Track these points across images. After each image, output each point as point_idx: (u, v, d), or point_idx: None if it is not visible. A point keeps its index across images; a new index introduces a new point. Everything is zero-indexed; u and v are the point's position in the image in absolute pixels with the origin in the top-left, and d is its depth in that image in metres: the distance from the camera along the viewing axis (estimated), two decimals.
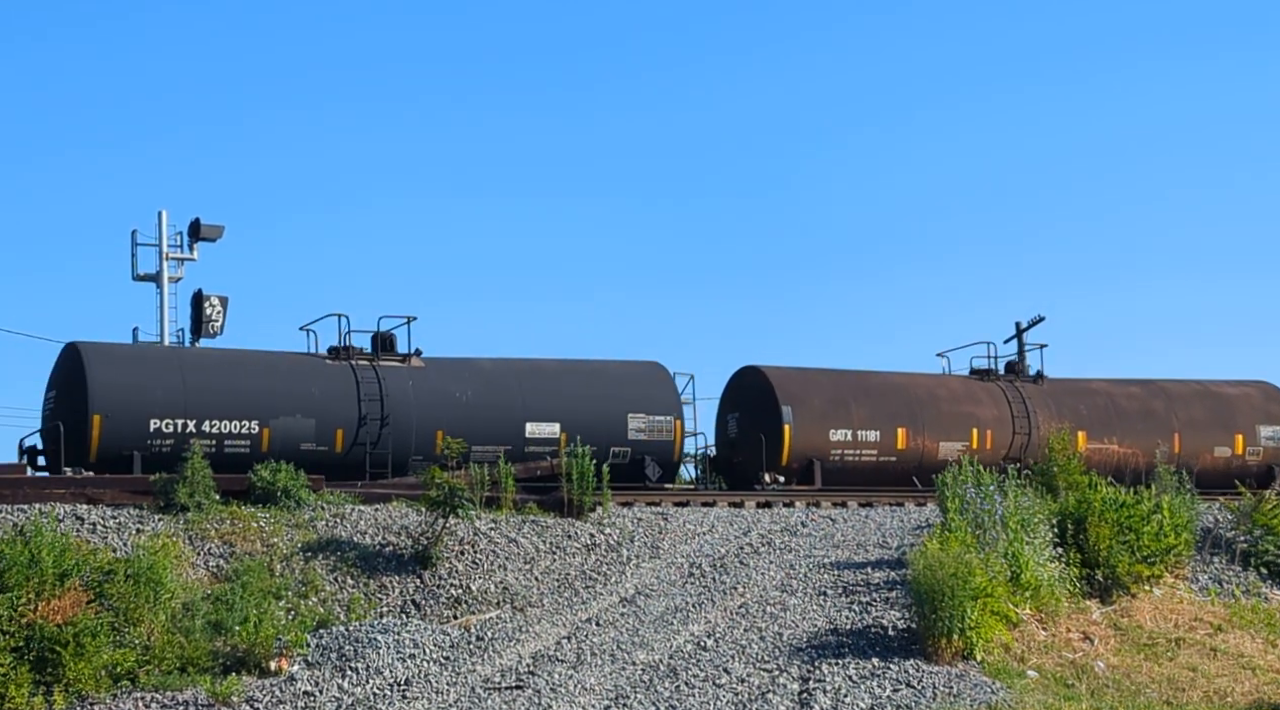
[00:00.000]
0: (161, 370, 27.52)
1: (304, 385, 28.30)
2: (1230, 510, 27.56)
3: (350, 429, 28.25)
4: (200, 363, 28.44)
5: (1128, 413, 35.21)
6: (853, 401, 32.66)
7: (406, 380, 29.05)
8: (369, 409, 28.38)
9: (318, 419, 28.08)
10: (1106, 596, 23.60)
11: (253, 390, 27.86)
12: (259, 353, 29.17)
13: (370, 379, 28.63)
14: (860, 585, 22.66)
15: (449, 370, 29.83)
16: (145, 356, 28.57)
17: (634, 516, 26.24)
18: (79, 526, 22.33)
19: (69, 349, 27.61)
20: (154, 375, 27.31)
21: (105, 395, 26.51)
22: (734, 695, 18.32)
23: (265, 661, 18.83)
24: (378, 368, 28.99)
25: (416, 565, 22.56)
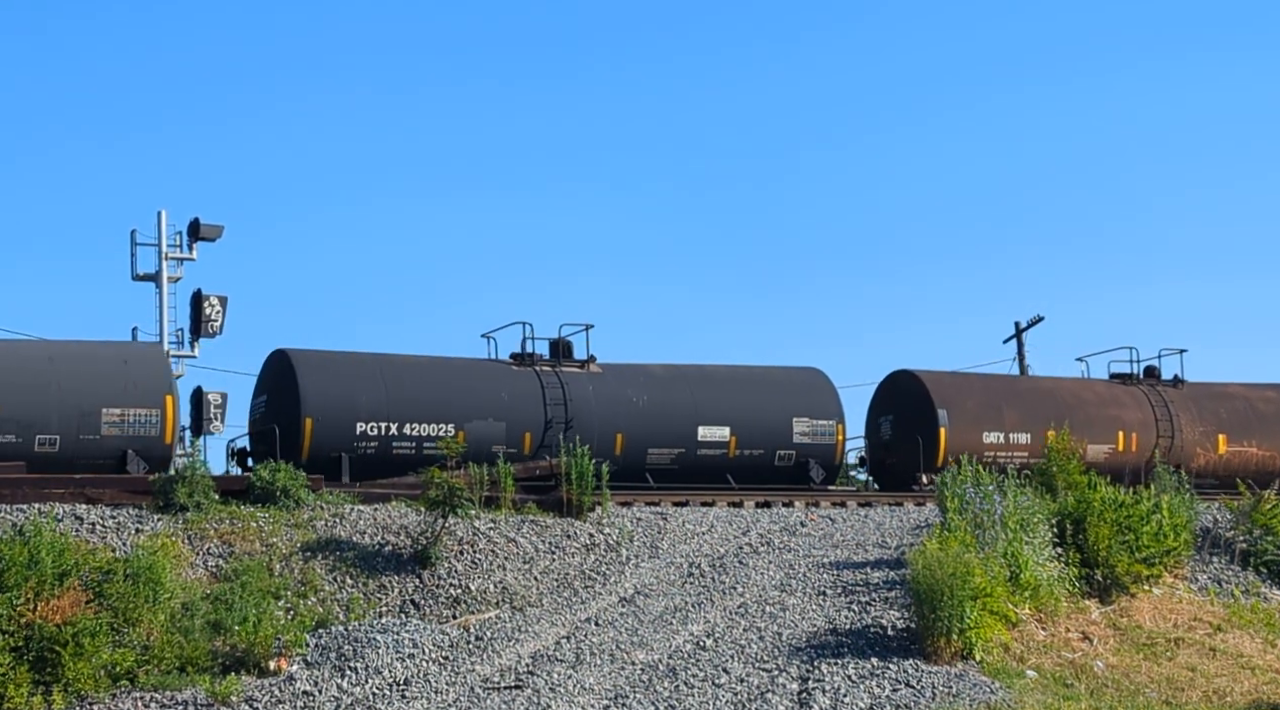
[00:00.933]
0: (365, 376, 28.84)
1: (494, 390, 29.74)
2: (1229, 510, 27.57)
3: (537, 432, 29.64)
4: (400, 369, 29.57)
5: (1266, 416, 36.25)
6: (1004, 405, 33.82)
7: (587, 385, 30.56)
8: (554, 413, 29.84)
9: (508, 422, 29.47)
10: (1106, 596, 23.60)
11: (449, 395, 29.28)
12: (453, 359, 30.53)
13: (554, 384, 30.15)
14: (859, 585, 22.66)
15: (624, 375, 31.30)
16: (350, 363, 29.44)
17: (633, 516, 26.25)
18: (78, 526, 22.33)
19: (279, 356, 28.88)
20: (359, 381, 28.73)
21: (316, 400, 27.91)
22: (733, 695, 18.32)
23: (264, 661, 18.83)
24: (560, 373, 30.49)
25: (416, 565, 22.56)
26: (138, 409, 26.32)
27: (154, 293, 36.38)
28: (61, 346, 26.78)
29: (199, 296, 35.03)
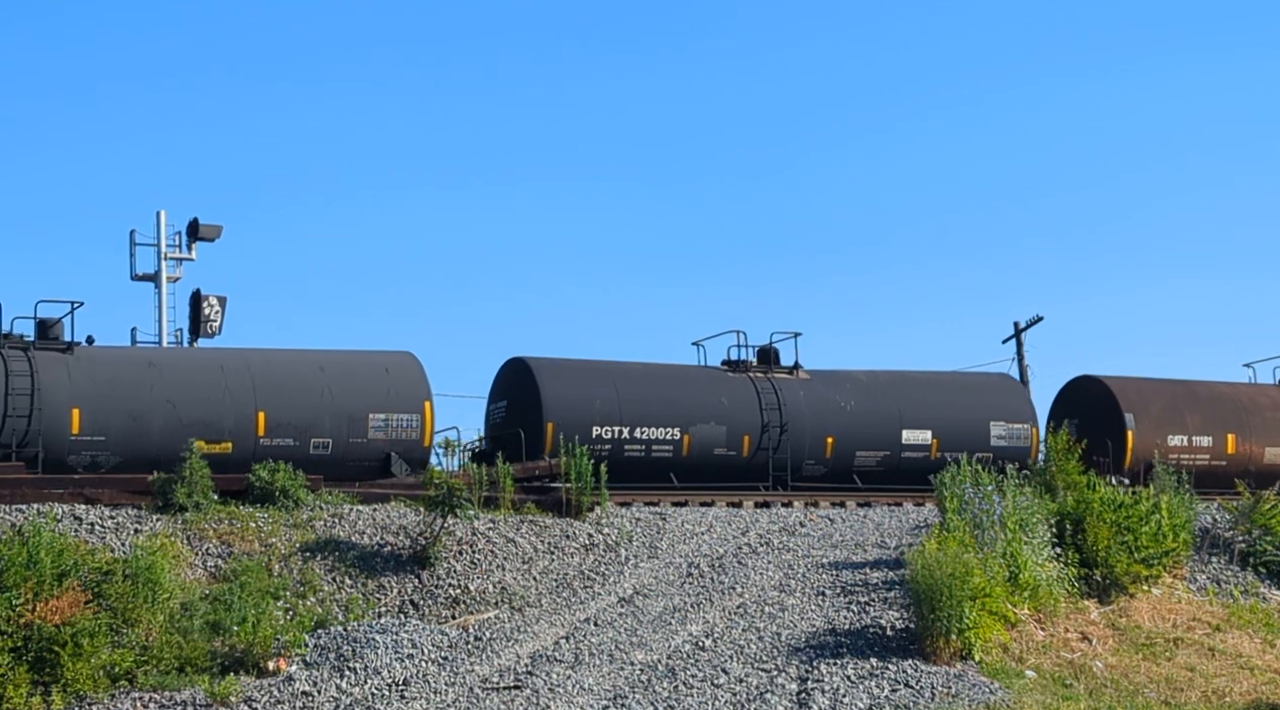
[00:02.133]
0: (599, 382, 30.36)
1: (714, 395, 31.10)
2: (1228, 510, 27.57)
3: (755, 435, 30.94)
4: (628, 375, 31.11)
5: None
6: (1185, 409, 34.67)
7: (797, 391, 31.90)
8: (770, 417, 31.07)
9: (728, 426, 30.78)
10: (1105, 596, 23.60)
11: (674, 400, 30.69)
12: (674, 366, 32.15)
13: (768, 389, 31.47)
14: (858, 585, 22.66)
15: (831, 381, 32.63)
16: (584, 370, 30.84)
17: (632, 516, 26.24)
18: (77, 527, 22.32)
19: (517, 363, 30.42)
20: (594, 387, 30.18)
21: (556, 405, 29.36)
22: (732, 695, 18.32)
23: (263, 661, 18.83)
24: (772, 379, 31.83)
25: (415, 565, 22.55)
26: (400, 413, 27.87)
27: (153, 293, 36.38)
28: (330, 356, 28.56)
29: (198, 296, 35.02)
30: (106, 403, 25.89)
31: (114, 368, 26.50)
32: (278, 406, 27.08)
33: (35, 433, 25.15)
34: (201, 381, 26.89)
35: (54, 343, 26.51)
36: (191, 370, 27.21)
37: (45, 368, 25.78)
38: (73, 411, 25.71)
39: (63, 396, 25.65)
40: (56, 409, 25.50)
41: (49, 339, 26.58)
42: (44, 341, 26.44)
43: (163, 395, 26.31)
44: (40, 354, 26.04)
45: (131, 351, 27.77)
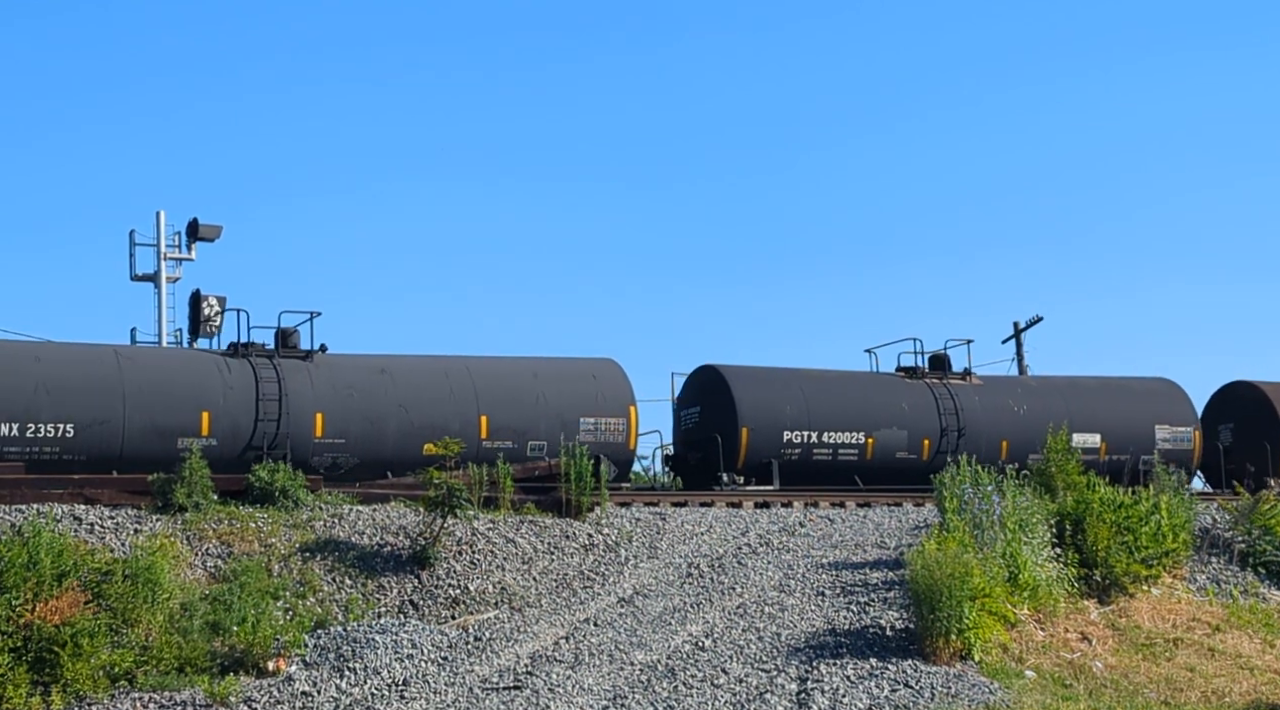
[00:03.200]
0: (788, 388, 31.88)
1: (895, 401, 32.69)
2: (1228, 511, 27.57)
3: (935, 439, 32.63)
4: (816, 382, 32.62)
5: None
6: None
7: (972, 396, 33.57)
8: (948, 422, 32.83)
9: (910, 431, 32.41)
10: (1104, 596, 23.61)
11: (858, 406, 32.21)
12: (857, 373, 33.62)
13: (945, 395, 33.19)
14: (858, 585, 22.67)
15: (1002, 386, 34.48)
16: (774, 377, 32.32)
17: (632, 517, 26.25)
18: (77, 527, 22.34)
19: (709, 371, 32.13)
20: (784, 393, 31.70)
21: (750, 411, 30.99)
22: (732, 695, 18.33)
23: (263, 662, 18.84)
24: (948, 385, 33.53)
25: (414, 565, 22.56)
26: (608, 418, 29.67)
27: (153, 293, 36.46)
28: (540, 363, 30.44)
29: (198, 297, 35.05)
30: (346, 408, 27.75)
31: (351, 374, 28.35)
32: (498, 411, 28.91)
33: (284, 436, 26.91)
34: (429, 387, 28.69)
35: (294, 351, 28.34)
36: (420, 376, 28.85)
37: (290, 375, 27.59)
38: (316, 416, 27.53)
39: (307, 402, 27.45)
40: (302, 414, 27.28)
41: (289, 347, 28.36)
42: (286, 350, 28.26)
43: (395, 400, 28.17)
44: (284, 362, 27.89)
45: (366, 359, 29.24)
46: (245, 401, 26.98)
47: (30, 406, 25.47)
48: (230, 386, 27.04)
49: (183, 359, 27.95)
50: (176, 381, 26.81)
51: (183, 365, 27.45)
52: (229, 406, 26.86)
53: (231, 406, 26.88)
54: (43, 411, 25.52)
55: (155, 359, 27.73)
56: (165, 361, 27.67)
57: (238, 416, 26.88)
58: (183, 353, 28.57)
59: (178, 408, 26.55)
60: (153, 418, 26.19)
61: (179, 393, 26.64)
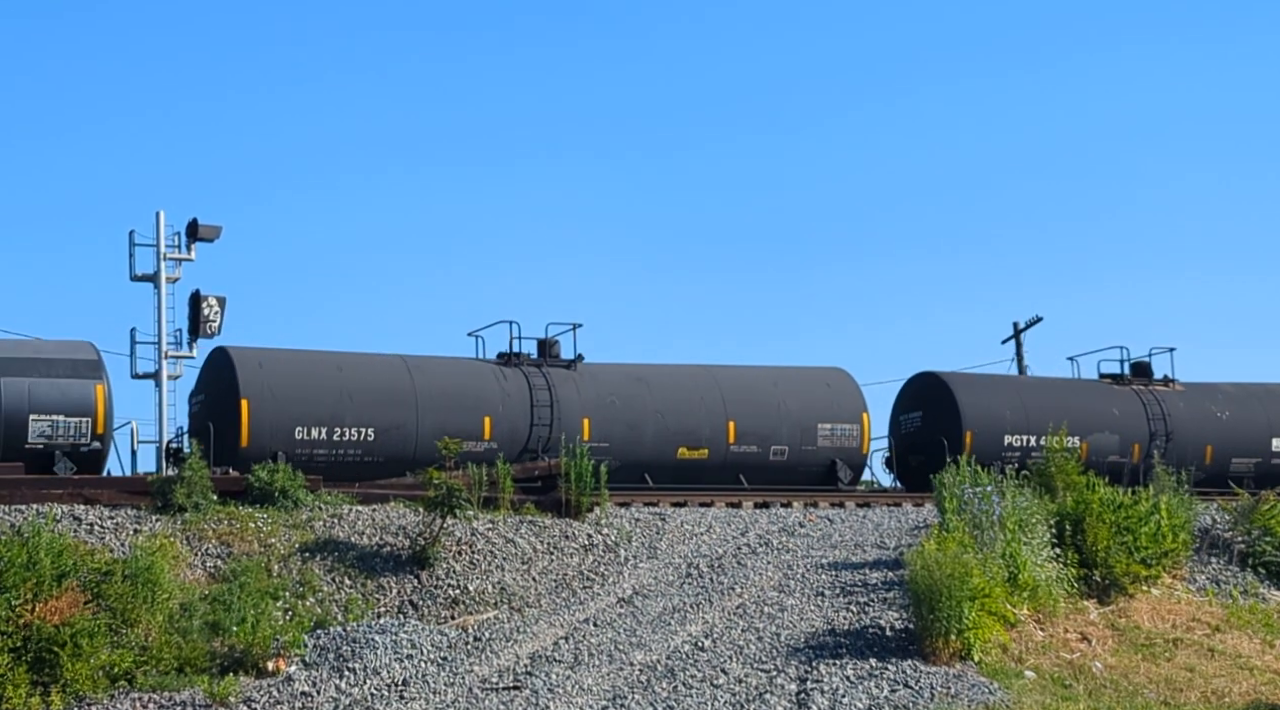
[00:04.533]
0: (1008, 394, 33.54)
1: (1106, 406, 34.21)
2: (1227, 511, 27.57)
3: (1144, 443, 34.04)
4: (1031, 388, 34.62)
5: None
6: None
7: (1177, 402, 34.93)
8: (1156, 426, 34.16)
9: (1121, 435, 33.88)
10: (1104, 597, 23.60)
11: (1073, 411, 33.46)
12: (1067, 380, 35.30)
13: (1152, 400, 34.56)
14: (858, 585, 22.67)
15: (1204, 393, 35.61)
16: (993, 384, 34.37)
17: (631, 517, 26.25)
18: (76, 527, 22.34)
19: (930, 377, 33.57)
20: (1004, 399, 33.28)
21: (973, 416, 32.54)
22: (731, 695, 18.32)
23: (263, 662, 18.83)
24: (1153, 391, 34.87)
25: (414, 566, 22.56)
26: (843, 423, 31.65)
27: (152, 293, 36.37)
28: (778, 371, 32.38)
29: (197, 297, 35.02)
30: (609, 413, 29.83)
31: (612, 382, 30.42)
32: (744, 417, 30.91)
33: (555, 440, 28.69)
34: (682, 395, 30.75)
35: (559, 360, 30.35)
36: (672, 384, 30.94)
37: (559, 383, 29.63)
38: (583, 421, 29.59)
39: (575, 408, 29.51)
40: (571, 419, 29.34)
41: (552, 357, 30.35)
42: (551, 359, 30.27)
43: (652, 407, 30.32)
44: (552, 370, 29.91)
45: (623, 368, 31.25)
46: (521, 408, 29.16)
47: (336, 412, 27.64)
48: (507, 394, 29.25)
49: (464, 368, 29.86)
50: (461, 389, 29.01)
51: (465, 374, 29.55)
52: (507, 412, 29.04)
53: (510, 412, 29.06)
54: (347, 416, 27.68)
55: (441, 368, 29.55)
56: (450, 370, 29.57)
57: (515, 421, 29.06)
58: (463, 363, 30.21)
59: (463, 413, 28.67)
60: (442, 423, 28.19)
61: (464, 400, 28.82)
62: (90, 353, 26.46)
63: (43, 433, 25.49)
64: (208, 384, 28.97)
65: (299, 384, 27.80)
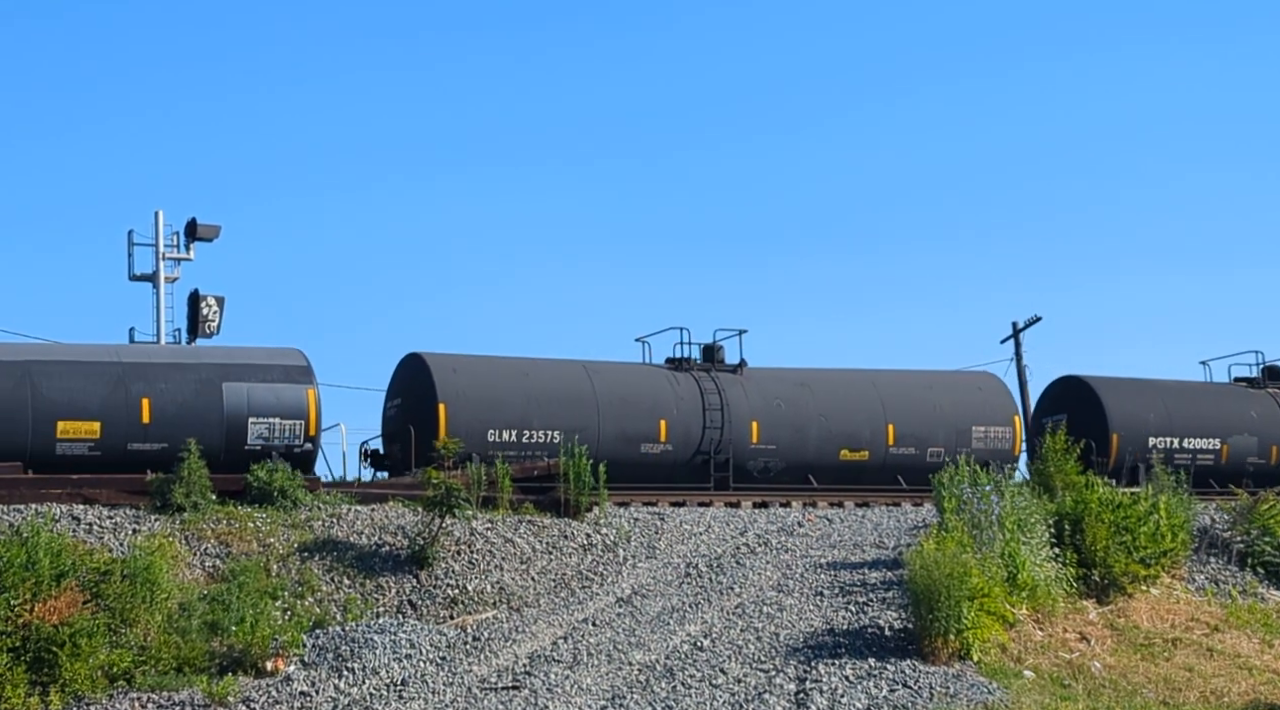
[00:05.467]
0: (1151, 397, 34.05)
1: (1244, 409, 34.91)
2: (1226, 511, 27.56)
3: None
4: (1173, 391, 34.91)
5: None
6: None
7: None
8: None
9: (1259, 438, 34.52)
10: (1103, 596, 23.59)
11: (1214, 414, 34.48)
12: (1204, 384, 35.99)
13: None
14: (857, 585, 22.66)
15: None
16: (1137, 387, 34.71)
17: (630, 517, 26.23)
18: (75, 527, 22.32)
19: (1074, 380, 34.48)
20: (1148, 401, 33.84)
21: (1120, 418, 33.18)
22: (730, 695, 18.32)
23: (261, 662, 18.82)
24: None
25: (413, 565, 22.55)
26: (995, 427, 32.88)
27: (151, 293, 36.39)
28: (933, 376, 33.74)
29: (196, 297, 35.04)
30: (775, 417, 30.87)
31: (776, 386, 31.52)
32: (903, 420, 32.03)
33: (726, 442, 30.03)
34: (843, 398, 31.90)
35: (725, 365, 31.50)
36: (834, 388, 32.09)
37: (727, 387, 30.73)
38: (752, 424, 30.66)
39: (743, 411, 30.63)
40: (740, 422, 30.45)
41: (718, 362, 31.52)
42: (718, 364, 31.48)
43: (816, 410, 31.39)
44: (720, 375, 31.07)
45: (786, 372, 32.45)
46: (693, 411, 30.31)
47: (525, 415, 28.97)
48: (680, 398, 30.46)
49: (639, 373, 31.19)
50: (638, 394, 30.30)
51: (641, 379, 30.84)
52: (681, 415, 30.22)
53: (683, 415, 30.24)
54: (535, 419, 28.99)
55: (618, 373, 30.89)
56: (626, 376, 30.88)
57: (689, 424, 30.21)
58: (638, 368, 31.54)
59: (640, 417, 29.93)
60: (621, 426, 29.58)
61: (641, 404, 30.12)
62: (300, 359, 27.74)
63: (260, 434, 26.52)
64: (403, 389, 29.97)
65: (490, 389, 29.20)
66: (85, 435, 25.40)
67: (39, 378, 25.56)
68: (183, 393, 26.32)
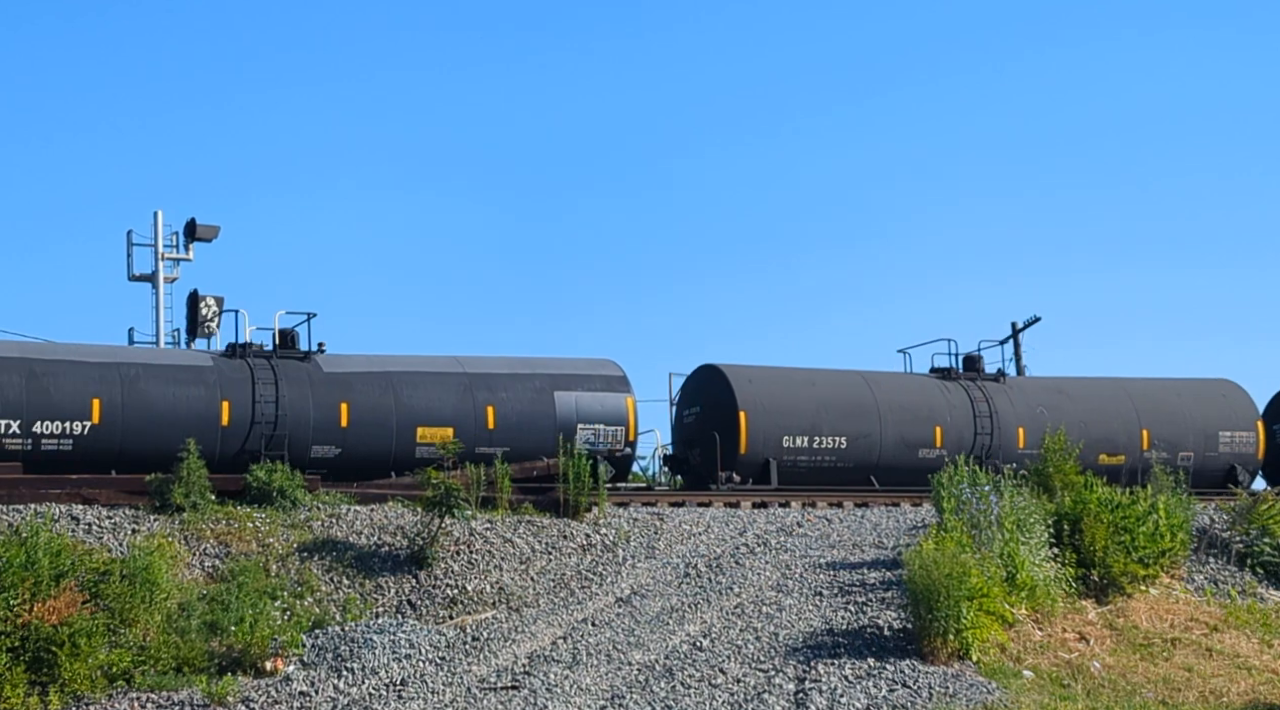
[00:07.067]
0: None
1: None
2: (1225, 511, 27.55)
3: None
4: None
5: None
6: None
7: None
8: None
9: None
10: (1102, 596, 23.60)
11: None
12: None
13: None
14: (856, 585, 22.66)
15: None
16: None
17: (630, 517, 26.23)
18: (74, 527, 22.33)
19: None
20: None
21: None
22: (730, 695, 18.32)
23: (261, 662, 18.82)
24: None
25: (412, 565, 22.56)
26: (1241, 432, 34.71)
27: (150, 293, 36.41)
28: (1181, 384, 35.54)
29: (195, 297, 35.04)
30: (1038, 422, 32.73)
31: (1037, 394, 33.88)
32: (1156, 425, 34.10)
33: (996, 448, 32.51)
34: (1099, 405, 34.00)
35: (987, 375, 33.74)
36: (1090, 396, 34.22)
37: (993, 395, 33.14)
38: (1018, 430, 33.06)
39: (1011, 418, 32.93)
40: (1008, 428, 32.87)
41: (977, 370, 33.93)
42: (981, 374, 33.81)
43: (1075, 416, 33.27)
44: (985, 384, 33.43)
45: (1045, 380, 35.11)
46: (965, 418, 32.68)
47: (815, 423, 31.19)
48: (952, 405, 32.74)
49: (913, 383, 33.44)
50: (915, 402, 32.36)
51: (915, 388, 33.03)
52: (954, 422, 32.50)
53: (956, 422, 32.53)
54: (824, 426, 31.24)
55: (894, 383, 33.16)
56: (902, 385, 33.09)
57: (961, 431, 32.48)
58: (910, 377, 33.76)
59: (918, 423, 31.99)
60: (901, 432, 31.69)
61: (918, 411, 32.20)
62: (618, 369, 30.20)
63: (587, 439, 28.83)
64: (700, 397, 32.27)
65: (783, 397, 31.38)
66: (440, 440, 27.17)
67: (401, 387, 28.05)
68: (521, 401, 28.91)
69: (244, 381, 27.23)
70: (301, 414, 27.25)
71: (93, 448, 25.57)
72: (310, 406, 27.40)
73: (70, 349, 27.06)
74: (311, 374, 27.88)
